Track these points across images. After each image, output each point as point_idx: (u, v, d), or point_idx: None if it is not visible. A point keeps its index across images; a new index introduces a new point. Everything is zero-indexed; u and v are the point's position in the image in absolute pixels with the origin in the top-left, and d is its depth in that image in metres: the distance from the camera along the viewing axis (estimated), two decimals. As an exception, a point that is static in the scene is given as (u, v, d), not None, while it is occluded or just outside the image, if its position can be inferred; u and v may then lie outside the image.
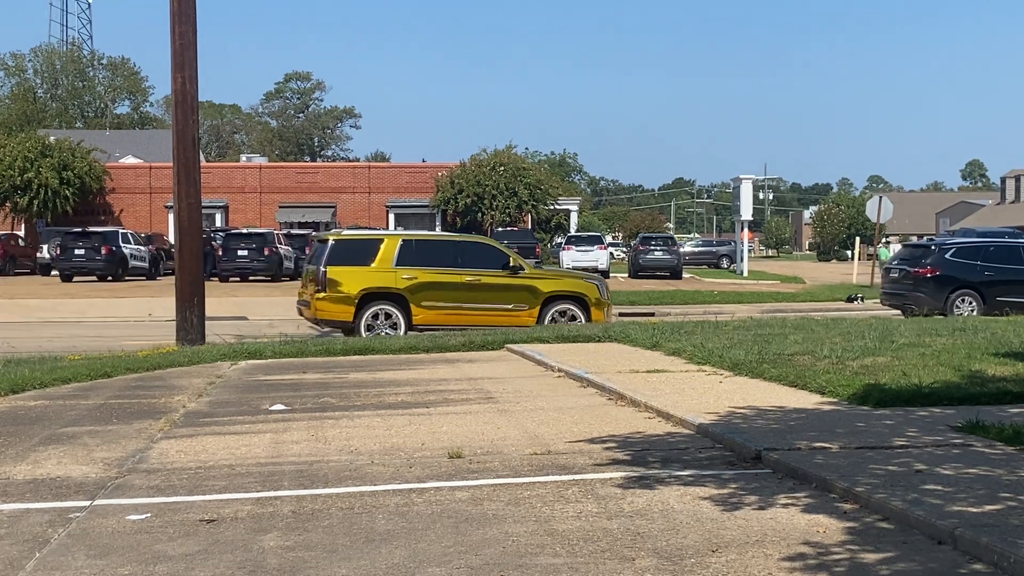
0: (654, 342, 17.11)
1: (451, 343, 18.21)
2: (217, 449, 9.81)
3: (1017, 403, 10.81)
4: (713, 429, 9.82)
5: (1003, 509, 6.79)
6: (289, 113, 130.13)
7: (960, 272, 26.66)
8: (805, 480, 8.00)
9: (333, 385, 14.00)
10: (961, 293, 26.49)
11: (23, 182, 56.75)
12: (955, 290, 26.42)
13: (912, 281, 26.77)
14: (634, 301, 32.97)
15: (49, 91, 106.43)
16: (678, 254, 51.62)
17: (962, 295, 26.49)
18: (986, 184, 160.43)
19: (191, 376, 15.02)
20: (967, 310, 26.06)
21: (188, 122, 19.36)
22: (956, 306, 26.28)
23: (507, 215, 57.28)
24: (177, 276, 19.66)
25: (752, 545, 6.52)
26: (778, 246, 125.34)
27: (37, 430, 10.86)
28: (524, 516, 7.30)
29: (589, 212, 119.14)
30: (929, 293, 26.32)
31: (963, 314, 25.16)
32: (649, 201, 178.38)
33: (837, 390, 11.58)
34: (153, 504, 7.84)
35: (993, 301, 25.92)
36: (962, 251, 27.21)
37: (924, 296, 26.22)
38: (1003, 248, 27.62)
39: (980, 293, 26.43)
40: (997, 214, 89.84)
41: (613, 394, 12.47)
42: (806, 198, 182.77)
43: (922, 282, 26.53)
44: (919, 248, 28.86)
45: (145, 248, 48.63)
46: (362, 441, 10.07)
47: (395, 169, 66.45)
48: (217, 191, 59.56)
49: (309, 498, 7.94)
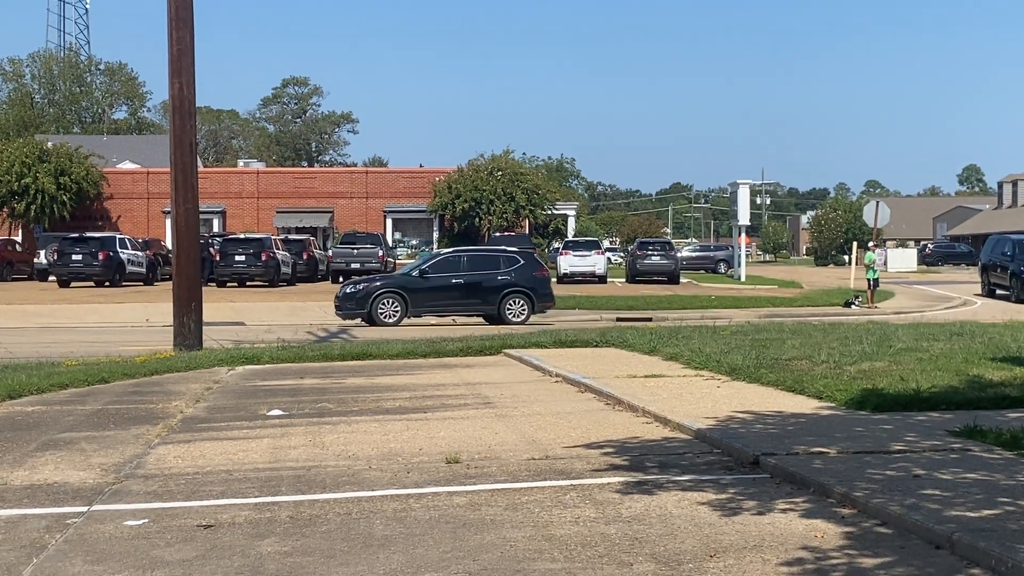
0: (652, 347, 17.12)
1: (449, 348, 18.22)
2: (215, 454, 9.80)
3: (1015, 408, 10.82)
4: (711, 434, 9.82)
5: (1001, 514, 6.79)
6: (286, 118, 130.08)
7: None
8: (803, 485, 7.99)
9: (331, 390, 13.99)
10: None
11: (20, 187, 56.68)
12: None
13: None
14: (632, 306, 32.95)
15: (46, 96, 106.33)
16: (675, 259, 51.56)
17: None
18: (983, 189, 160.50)
19: (189, 381, 15.01)
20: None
21: (186, 127, 19.35)
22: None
23: (505, 220, 57.23)
24: (175, 281, 19.64)
25: (750, 550, 6.52)
26: (775, 251, 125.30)
27: (34, 435, 10.84)
28: (522, 521, 7.30)
29: (587, 217, 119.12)
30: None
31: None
32: (647, 206, 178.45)
33: (835, 395, 11.58)
34: (151, 509, 7.83)
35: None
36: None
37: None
38: None
39: None
40: (994, 219, 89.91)
41: (611, 399, 12.47)
42: (803, 203, 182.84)
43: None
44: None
45: (142, 253, 48.56)
46: (360, 446, 10.07)
47: (392, 174, 66.43)
48: (215, 196, 59.52)
49: (307, 503, 7.93)
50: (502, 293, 27.97)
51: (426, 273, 28.18)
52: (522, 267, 28.54)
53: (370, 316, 27.25)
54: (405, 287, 27.84)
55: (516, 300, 28.02)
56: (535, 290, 28.26)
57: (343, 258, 48.70)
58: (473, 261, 28.97)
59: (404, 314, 27.52)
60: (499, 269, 28.46)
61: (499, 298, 27.93)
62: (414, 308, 27.48)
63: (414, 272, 28.43)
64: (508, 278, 28.17)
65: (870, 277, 35.59)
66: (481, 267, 28.62)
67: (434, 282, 27.97)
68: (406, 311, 27.54)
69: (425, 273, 28.18)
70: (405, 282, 28.17)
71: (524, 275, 28.35)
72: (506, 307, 27.90)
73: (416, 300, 27.39)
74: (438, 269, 28.35)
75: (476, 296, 28.13)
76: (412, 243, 62.65)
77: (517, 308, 27.97)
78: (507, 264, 28.60)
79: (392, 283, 28.43)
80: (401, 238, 62.26)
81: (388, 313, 27.42)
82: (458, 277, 28.16)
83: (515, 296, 28.04)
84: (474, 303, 28.22)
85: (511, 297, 28.02)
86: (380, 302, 27.37)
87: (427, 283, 27.88)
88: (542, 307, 28.50)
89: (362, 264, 48.28)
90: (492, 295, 28.00)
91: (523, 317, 27.80)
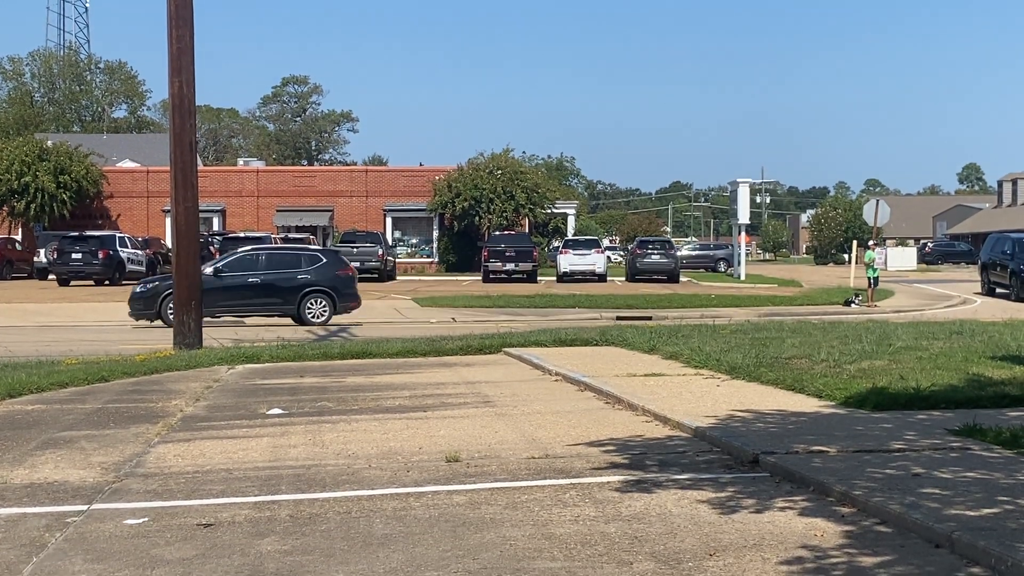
0: (651, 346, 17.12)
1: (448, 346, 18.22)
2: (215, 453, 9.81)
3: (1015, 406, 10.82)
4: (711, 433, 9.83)
5: (1001, 513, 6.79)
6: (286, 117, 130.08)
7: None
8: (803, 484, 8.00)
9: (331, 389, 14.00)
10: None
11: (20, 186, 56.69)
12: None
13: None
14: (631, 305, 32.94)
15: (46, 95, 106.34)
16: (675, 258, 51.57)
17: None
18: (983, 188, 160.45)
19: (188, 380, 15.01)
20: None
21: (185, 126, 19.35)
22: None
23: (504, 219, 57.23)
24: (175, 280, 19.65)
25: (750, 549, 6.52)
26: (775, 250, 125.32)
27: (34, 434, 10.85)
28: (522, 520, 7.30)
29: (586, 216, 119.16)
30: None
31: None
32: (646, 205, 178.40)
33: (834, 394, 11.58)
34: (150, 508, 7.83)
35: None
36: None
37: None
38: None
39: None
40: (994, 217, 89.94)
41: (611, 398, 12.47)
42: (803, 202, 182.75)
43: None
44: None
45: (142, 252, 48.58)
46: (360, 445, 10.07)
47: (392, 173, 66.44)
48: (214, 195, 59.49)
49: (307, 502, 7.93)
50: (302, 293, 26.91)
51: (220, 272, 26.90)
52: (324, 266, 27.51)
53: (159, 315, 26.09)
54: None
55: (317, 300, 26.98)
56: (337, 290, 27.16)
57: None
58: (272, 260, 28.07)
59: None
60: (299, 268, 27.39)
61: (299, 298, 26.85)
62: (207, 308, 25.20)
63: (208, 270, 26.31)
64: (308, 277, 27.13)
65: (870, 276, 35.58)
66: (280, 266, 27.63)
67: (229, 281, 26.76)
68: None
69: (219, 272, 26.88)
70: None
71: (325, 274, 27.30)
72: (306, 307, 26.89)
73: (209, 300, 24.94)
74: (233, 268, 27.27)
75: (275, 296, 27.07)
76: (412, 242, 62.69)
77: (318, 308, 26.97)
78: (308, 263, 27.64)
79: None
80: (401, 237, 62.28)
81: None
82: (255, 276, 27.15)
83: (316, 296, 26.99)
84: (273, 303, 27.15)
85: (311, 297, 26.97)
86: (170, 302, 25.39)
87: (221, 282, 26.47)
88: (344, 307, 27.36)
89: (362, 263, 48.31)
90: (291, 295, 26.92)
91: (324, 318, 26.84)
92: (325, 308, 27.03)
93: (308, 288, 27.02)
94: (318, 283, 27.15)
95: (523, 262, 48.22)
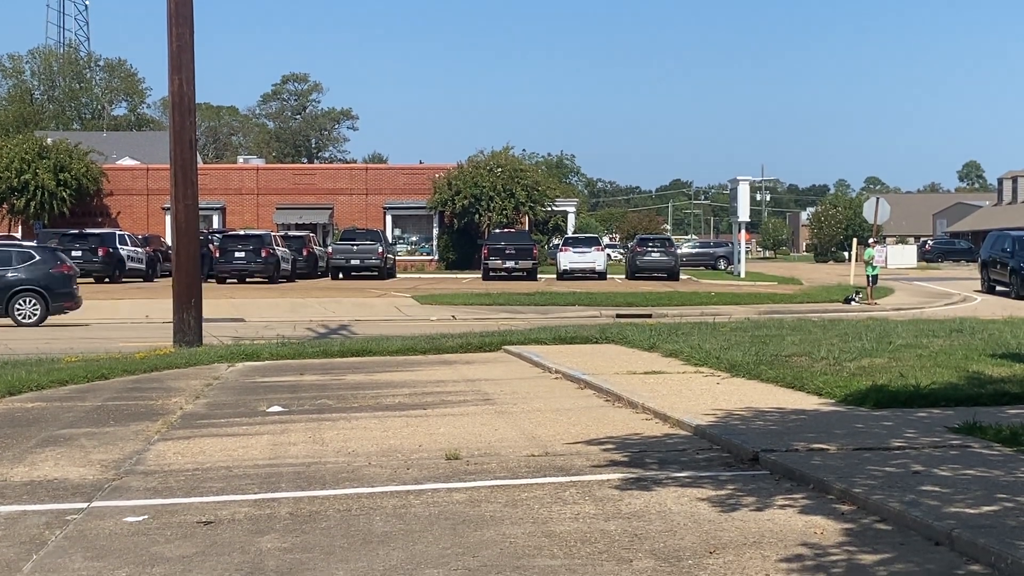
0: (651, 343, 17.12)
1: (448, 344, 18.22)
2: (215, 451, 9.81)
3: (1015, 404, 10.82)
4: (711, 430, 9.83)
5: (1000, 510, 6.79)
6: (286, 115, 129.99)
7: None
8: (803, 481, 8.00)
9: (331, 387, 14.00)
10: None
11: (20, 184, 56.72)
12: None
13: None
14: (631, 303, 32.93)
15: (46, 93, 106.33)
16: (675, 255, 51.55)
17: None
18: (983, 185, 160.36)
19: (188, 378, 15.01)
20: None
21: (185, 124, 19.35)
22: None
23: (504, 216, 57.22)
24: (174, 278, 19.64)
25: (750, 546, 6.52)
26: (775, 247, 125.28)
27: (34, 432, 10.85)
28: (522, 518, 7.30)
29: (586, 214, 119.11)
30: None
31: None
32: (646, 202, 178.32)
33: (835, 391, 11.58)
34: (150, 506, 7.83)
35: None
36: None
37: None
38: None
39: None
40: (994, 215, 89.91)
41: (611, 395, 12.48)
42: (803, 199, 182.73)
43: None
44: None
45: (142, 250, 48.55)
46: (360, 443, 10.07)
47: (392, 171, 66.43)
48: (214, 193, 59.48)
49: (307, 500, 7.93)
50: (10, 292, 25.76)
51: None
52: (36, 264, 26.38)
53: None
54: None
55: (27, 300, 25.86)
56: (50, 289, 26.09)
57: (343, 254, 48.73)
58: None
59: None
60: (9, 266, 26.18)
61: (7, 297, 25.70)
62: None
63: None
64: (19, 275, 26.00)
65: (870, 273, 35.58)
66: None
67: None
68: None
69: None
70: None
71: (37, 273, 26.16)
72: (15, 307, 25.81)
73: None
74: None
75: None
76: (412, 239, 62.70)
77: (28, 309, 25.86)
78: (19, 260, 26.42)
79: None
80: (401, 234, 62.29)
81: None
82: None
83: (25, 295, 25.86)
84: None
85: (21, 296, 25.86)
86: (18, 299, 25.43)
87: None
88: (58, 307, 26.29)
89: (362, 260, 48.36)
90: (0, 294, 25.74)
91: (35, 319, 25.82)
92: (36, 308, 25.99)
93: (18, 287, 25.96)
94: (28, 282, 26.07)
95: (523, 260, 48.22)
